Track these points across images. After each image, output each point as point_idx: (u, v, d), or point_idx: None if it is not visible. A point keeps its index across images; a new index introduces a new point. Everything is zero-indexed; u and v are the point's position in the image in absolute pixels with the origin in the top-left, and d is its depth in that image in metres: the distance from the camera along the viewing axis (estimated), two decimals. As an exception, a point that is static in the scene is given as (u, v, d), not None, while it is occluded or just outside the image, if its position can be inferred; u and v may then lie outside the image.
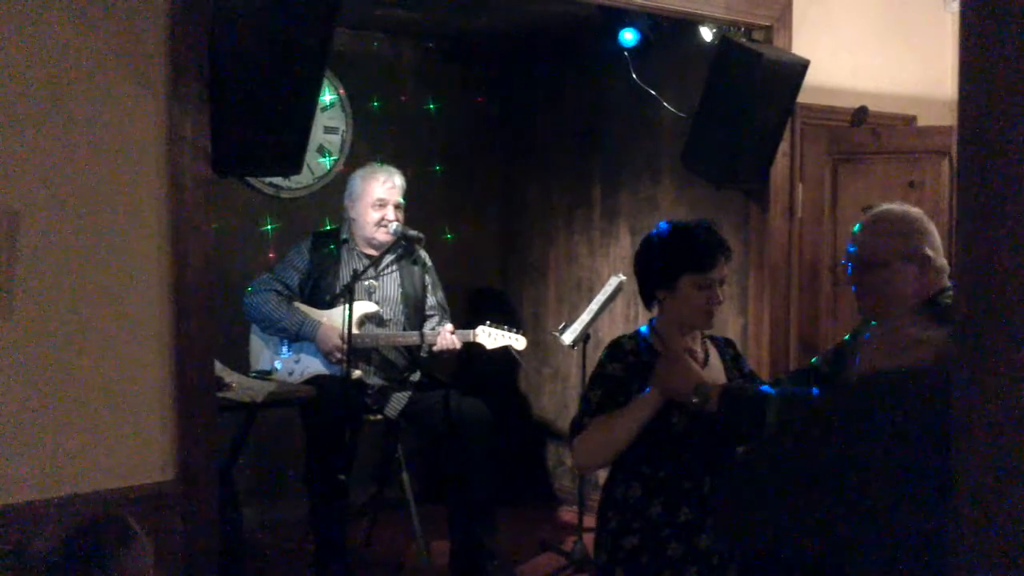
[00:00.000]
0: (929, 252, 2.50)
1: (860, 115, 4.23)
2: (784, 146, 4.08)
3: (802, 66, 3.86)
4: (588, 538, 4.48)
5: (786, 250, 4.20)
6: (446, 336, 4.16)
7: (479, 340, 4.25)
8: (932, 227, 2.55)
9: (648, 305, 2.73)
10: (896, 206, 2.63)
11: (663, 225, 2.75)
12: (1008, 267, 1.00)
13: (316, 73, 2.89)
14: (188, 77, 2.63)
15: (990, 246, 1.02)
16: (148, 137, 2.61)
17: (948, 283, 2.50)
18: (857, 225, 2.64)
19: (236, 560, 3.55)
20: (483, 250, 5.85)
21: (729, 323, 4.37)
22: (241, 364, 4.09)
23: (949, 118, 4.19)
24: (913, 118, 4.46)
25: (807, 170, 4.19)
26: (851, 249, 2.61)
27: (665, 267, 2.64)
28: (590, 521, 4.71)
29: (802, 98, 4.00)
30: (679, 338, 2.57)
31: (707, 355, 2.70)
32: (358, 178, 4.26)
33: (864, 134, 4.19)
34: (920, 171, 4.08)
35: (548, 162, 5.67)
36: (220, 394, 3.23)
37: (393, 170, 4.28)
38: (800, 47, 4.09)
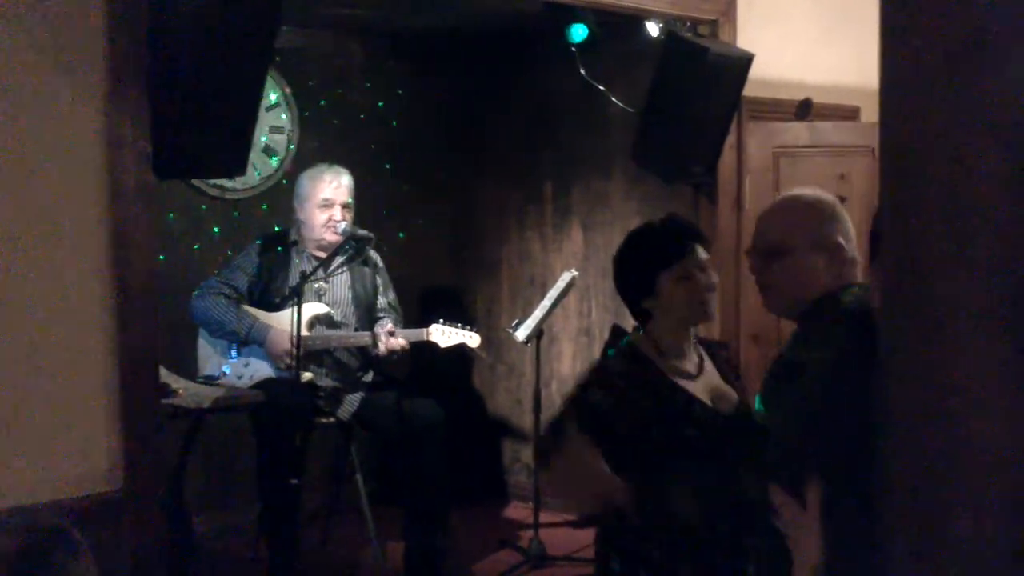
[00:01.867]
0: (840, 241, 2.26)
1: (805, 108, 4.28)
2: (731, 139, 4.11)
3: (747, 60, 3.89)
4: (544, 534, 4.50)
5: (735, 242, 4.23)
6: (390, 340, 4.11)
7: (433, 339, 4.22)
8: (845, 215, 2.31)
9: (642, 322, 2.53)
10: (808, 191, 2.39)
11: (627, 237, 2.61)
12: (931, 258, 1.01)
13: (259, 73, 2.85)
14: (126, 78, 2.57)
15: (913, 236, 1.03)
16: (86, 142, 2.55)
17: (858, 278, 2.27)
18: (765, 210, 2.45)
19: (187, 568, 3.50)
20: (435, 248, 5.82)
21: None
22: (188, 370, 4.04)
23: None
24: (857, 109, 4.51)
25: (752, 163, 4.23)
26: (756, 236, 2.37)
27: (639, 273, 2.51)
28: (546, 517, 4.74)
29: (748, 91, 4.03)
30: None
31: (702, 361, 2.53)
32: (305, 179, 4.22)
33: (800, 129, 4.26)
34: (848, 164, 4.22)
35: (499, 159, 5.67)
36: (166, 401, 3.19)
37: (341, 170, 4.24)
38: (745, 41, 4.12)
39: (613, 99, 4.67)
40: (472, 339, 4.27)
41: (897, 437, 1.07)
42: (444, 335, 4.23)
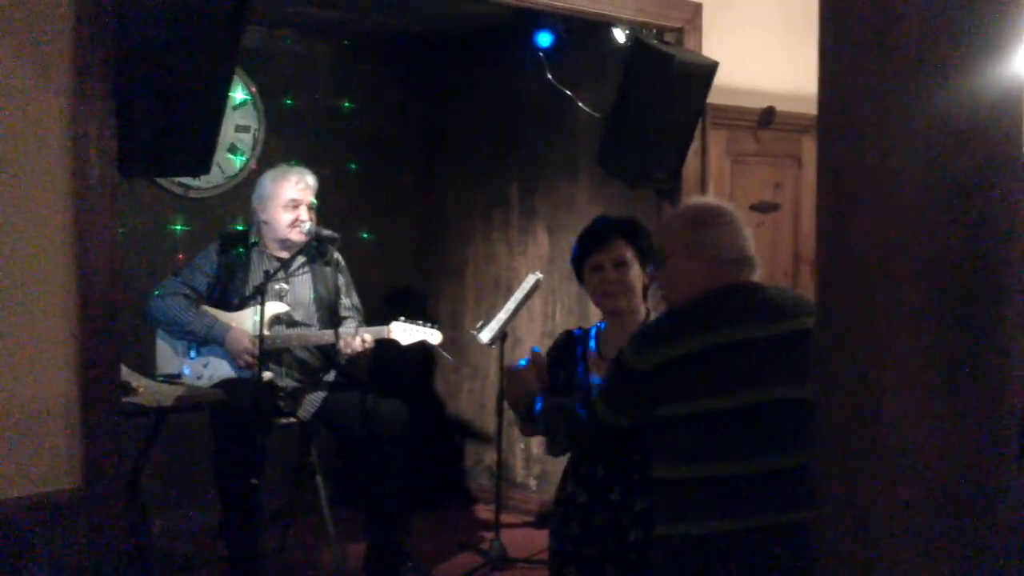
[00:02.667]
0: (717, 249, 2.39)
1: (768, 115, 4.32)
2: (695, 145, 4.14)
3: (712, 67, 3.92)
4: (505, 536, 4.52)
5: (697, 248, 4.27)
6: (355, 340, 4.09)
7: (394, 336, 4.19)
8: (729, 220, 2.43)
9: None
10: (698, 200, 2.57)
11: None
12: (862, 264, 1.06)
13: (225, 72, 2.85)
14: (93, 76, 2.56)
15: (846, 244, 1.08)
16: (52, 138, 2.53)
17: (751, 278, 2.41)
18: None
19: (146, 569, 3.48)
20: (401, 249, 5.82)
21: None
22: (148, 368, 4.01)
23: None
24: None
25: (714, 169, 4.28)
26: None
27: (573, 260, 2.80)
28: (507, 519, 4.76)
29: (713, 99, 4.06)
30: (532, 367, 2.68)
31: None
32: (268, 180, 4.19)
33: (747, 138, 4.36)
34: (781, 173, 4.45)
35: (466, 161, 5.68)
36: (127, 399, 3.16)
37: (304, 170, 4.23)
38: (710, 49, 4.15)
39: (579, 104, 4.70)
40: (433, 336, 4.25)
41: (829, 433, 1.12)
42: (405, 332, 4.20)
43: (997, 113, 1.06)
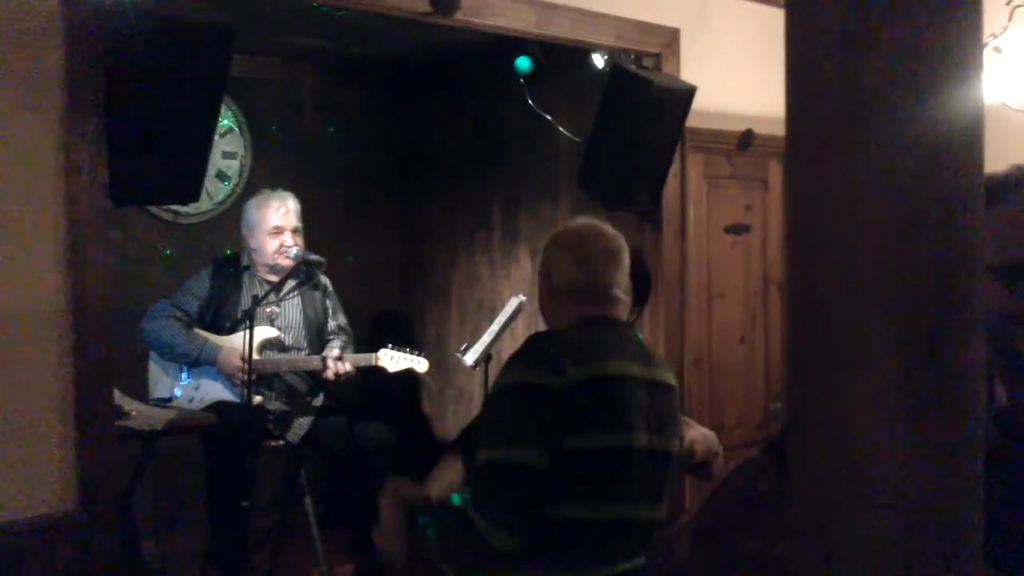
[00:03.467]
0: (561, 274, 2.34)
1: (746, 138, 4.39)
2: (675, 168, 4.21)
3: (690, 92, 3.99)
4: (493, 556, 4.55)
5: (679, 269, 4.33)
6: (336, 364, 4.13)
7: (381, 363, 4.25)
8: (595, 247, 2.35)
9: None
10: (578, 220, 2.47)
11: None
12: (831, 298, 1.10)
13: (213, 102, 2.91)
14: (84, 107, 2.61)
15: (812, 273, 1.12)
16: (43, 168, 2.58)
17: (614, 314, 2.31)
18: None
19: (137, 590, 3.50)
20: (385, 273, 5.88)
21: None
22: (140, 392, 4.04)
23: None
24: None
25: (693, 192, 4.36)
26: None
27: None
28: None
29: (691, 122, 4.12)
30: None
31: None
32: (252, 207, 4.24)
33: (722, 161, 4.46)
34: (751, 195, 4.59)
35: (449, 185, 5.74)
36: (119, 422, 3.20)
37: (286, 195, 4.27)
38: (688, 73, 4.22)
39: (560, 128, 4.77)
40: (420, 364, 4.31)
41: (801, 463, 1.16)
42: (392, 360, 4.26)
43: (960, 143, 1.09)
